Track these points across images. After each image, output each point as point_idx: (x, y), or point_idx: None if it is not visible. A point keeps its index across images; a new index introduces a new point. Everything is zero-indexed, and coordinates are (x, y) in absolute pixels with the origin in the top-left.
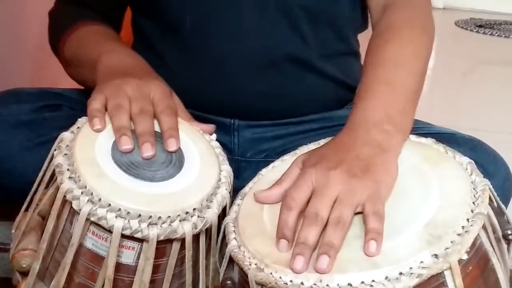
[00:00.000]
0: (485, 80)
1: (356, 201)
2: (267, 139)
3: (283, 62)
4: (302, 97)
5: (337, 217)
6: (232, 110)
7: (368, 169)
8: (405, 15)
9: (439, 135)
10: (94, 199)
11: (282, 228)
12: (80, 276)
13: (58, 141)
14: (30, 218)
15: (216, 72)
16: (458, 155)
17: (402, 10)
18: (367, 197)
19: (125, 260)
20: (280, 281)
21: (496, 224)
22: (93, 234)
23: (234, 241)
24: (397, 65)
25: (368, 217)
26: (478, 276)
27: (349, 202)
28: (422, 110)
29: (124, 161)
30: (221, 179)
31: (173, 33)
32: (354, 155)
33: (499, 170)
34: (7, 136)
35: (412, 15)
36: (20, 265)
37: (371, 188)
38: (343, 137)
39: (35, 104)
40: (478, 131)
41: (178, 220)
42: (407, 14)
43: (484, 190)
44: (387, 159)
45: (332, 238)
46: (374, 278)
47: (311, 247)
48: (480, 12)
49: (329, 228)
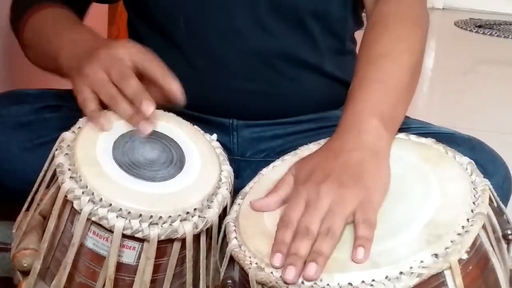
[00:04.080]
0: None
1: (347, 211)
2: (266, 139)
3: (278, 61)
4: (298, 95)
5: (327, 228)
6: (229, 110)
7: (358, 176)
8: (397, 7)
9: (439, 135)
10: (95, 199)
11: (279, 245)
12: (81, 276)
13: (59, 141)
14: (31, 218)
15: (211, 72)
16: (458, 155)
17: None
18: (358, 205)
19: (126, 260)
20: (281, 280)
21: (496, 224)
22: (94, 234)
23: (234, 240)
24: (389, 61)
25: (358, 224)
26: (478, 276)
27: (339, 213)
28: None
29: (125, 161)
30: (222, 179)
31: (167, 33)
32: (343, 162)
33: (498, 170)
34: (8, 137)
35: (404, 7)
36: (21, 264)
37: (362, 195)
38: (333, 143)
39: (35, 105)
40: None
41: (179, 220)
42: (399, 6)
43: (484, 190)
44: (377, 163)
45: (321, 247)
46: (375, 278)
47: (302, 258)
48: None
49: (318, 238)
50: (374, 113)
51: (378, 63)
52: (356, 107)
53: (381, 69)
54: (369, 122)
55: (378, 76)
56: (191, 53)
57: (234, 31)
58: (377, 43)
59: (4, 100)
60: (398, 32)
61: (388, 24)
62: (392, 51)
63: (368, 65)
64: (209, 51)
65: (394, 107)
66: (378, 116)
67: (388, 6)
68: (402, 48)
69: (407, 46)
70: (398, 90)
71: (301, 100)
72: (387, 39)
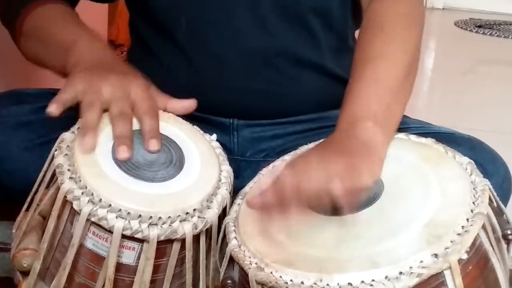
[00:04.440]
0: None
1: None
2: (266, 139)
3: (278, 60)
4: (299, 94)
5: None
6: (229, 110)
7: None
8: (392, 6)
9: (438, 134)
10: (94, 199)
11: None
12: (81, 276)
13: (59, 142)
14: (31, 218)
15: (212, 72)
16: (458, 155)
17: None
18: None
19: (125, 260)
20: (280, 280)
21: (495, 224)
22: (94, 235)
23: (234, 240)
24: (385, 61)
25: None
26: (478, 276)
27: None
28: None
29: (125, 162)
30: (222, 179)
31: (168, 33)
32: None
33: (498, 170)
34: (8, 137)
35: (399, 5)
36: (21, 264)
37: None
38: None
39: (35, 104)
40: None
41: (179, 221)
42: (394, 5)
43: (484, 190)
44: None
45: None
46: (374, 278)
47: None
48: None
49: None
50: (368, 116)
51: (373, 63)
52: (352, 110)
53: (377, 70)
54: (363, 126)
55: (373, 76)
56: (191, 53)
57: (234, 30)
58: (372, 43)
59: (4, 100)
60: (393, 32)
61: (383, 24)
62: (387, 51)
63: (363, 65)
64: (209, 51)
65: (390, 107)
66: (372, 118)
67: (382, 5)
68: (397, 47)
69: (402, 46)
70: (394, 90)
71: (302, 99)
72: (382, 39)
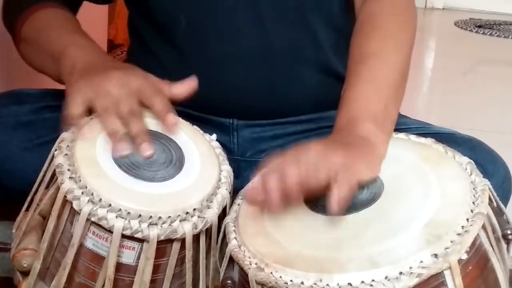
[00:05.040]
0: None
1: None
2: (266, 139)
3: (279, 60)
4: (300, 94)
5: None
6: (229, 110)
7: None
8: (385, 5)
9: (438, 135)
10: (94, 199)
11: None
12: (81, 276)
13: (59, 141)
14: (31, 218)
15: (211, 72)
16: (458, 155)
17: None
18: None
19: (125, 260)
20: (280, 280)
21: (495, 224)
22: (94, 234)
23: (234, 240)
24: (379, 61)
25: None
26: (478, 276)
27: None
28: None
29: (125, 162)
30: (221, 179)
31: (168, 33)
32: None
33: (498, 170)
34: (8, 137)
35: (392, 5)
36: (21, 264)
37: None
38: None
39: (35, 105)
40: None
41: (179, 220)
42: (387, 4)
43: (484, 190)
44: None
45: None
46: (374, 278)
47: None
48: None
49: None
50: (368, 117)
51: (369, 63)
52: (351, 110)
53: (373, 69)
54: (364, 127)
55: (370, 76)
56: (191, 52)
57: (234, 30)
58: (366, 42)
59: (4, 100)
60: (386, 31)
61: (376, 23)
62: (382, 50)
63: (359, 64)
64: (209, 50)
65: (387, 106)
66: (372, 119)
67: (375, 4)
68: (391, 47)
69: (396, 45)
70: (390, 89)
71: (302, 99)
72: (376, 39)
